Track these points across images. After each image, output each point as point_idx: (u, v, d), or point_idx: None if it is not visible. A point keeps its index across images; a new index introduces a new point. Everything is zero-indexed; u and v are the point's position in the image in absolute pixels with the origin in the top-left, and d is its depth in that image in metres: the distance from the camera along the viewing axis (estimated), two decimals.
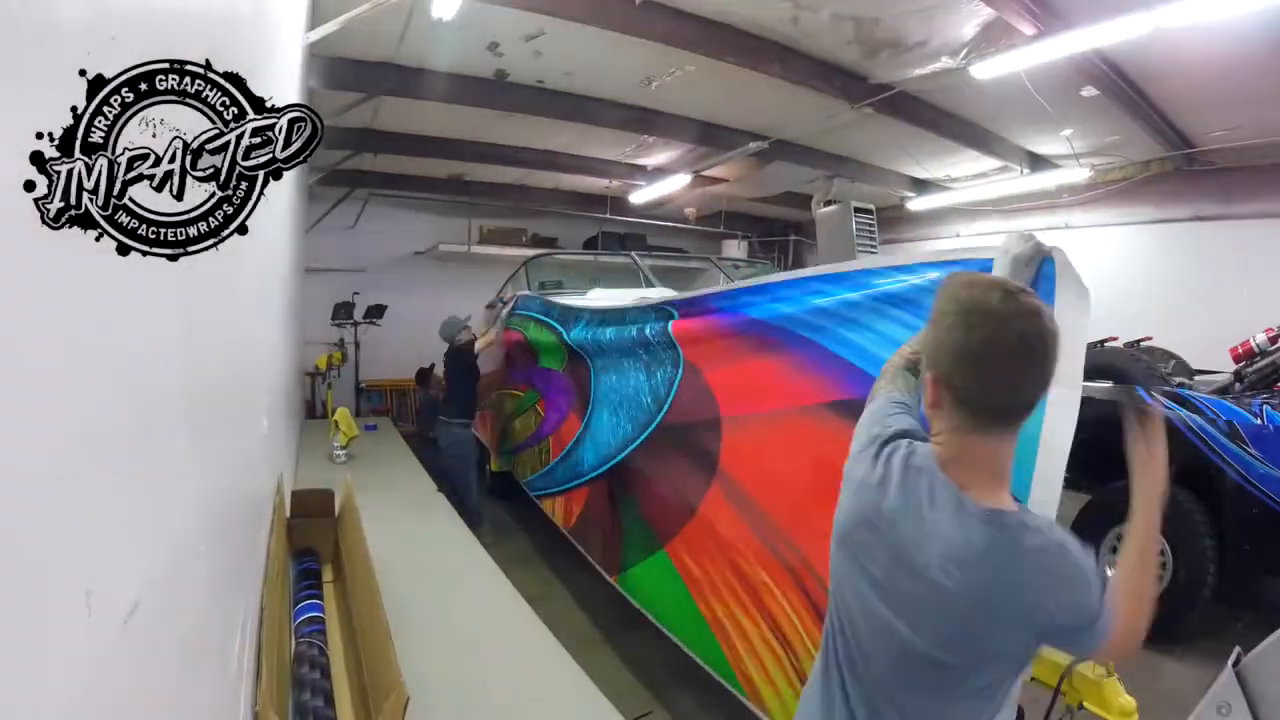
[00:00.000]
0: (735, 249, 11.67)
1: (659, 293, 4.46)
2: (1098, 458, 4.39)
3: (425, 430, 9.42)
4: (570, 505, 4.14)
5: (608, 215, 10.67)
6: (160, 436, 1.01)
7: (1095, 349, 6.14)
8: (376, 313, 9.30)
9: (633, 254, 5.71)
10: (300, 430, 6.25)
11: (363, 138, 7.21)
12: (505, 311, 5.81)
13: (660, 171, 8.76)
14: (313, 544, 3.09)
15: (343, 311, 9.07)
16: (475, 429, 5.77)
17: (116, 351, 0.83)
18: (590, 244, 11.01)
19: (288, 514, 3.11)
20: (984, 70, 4.85)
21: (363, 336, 9.45)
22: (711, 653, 2.66)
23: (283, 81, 2.89)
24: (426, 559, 3.39)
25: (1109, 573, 1.12)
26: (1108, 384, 4.47)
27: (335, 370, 8.25)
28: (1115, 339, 6.64)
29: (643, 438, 3.28)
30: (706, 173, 8.42)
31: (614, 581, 3.48)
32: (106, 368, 0.79)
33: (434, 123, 7.17)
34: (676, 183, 8.58)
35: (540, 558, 5.00)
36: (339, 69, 5.34)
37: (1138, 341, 6.30)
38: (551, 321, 4.67)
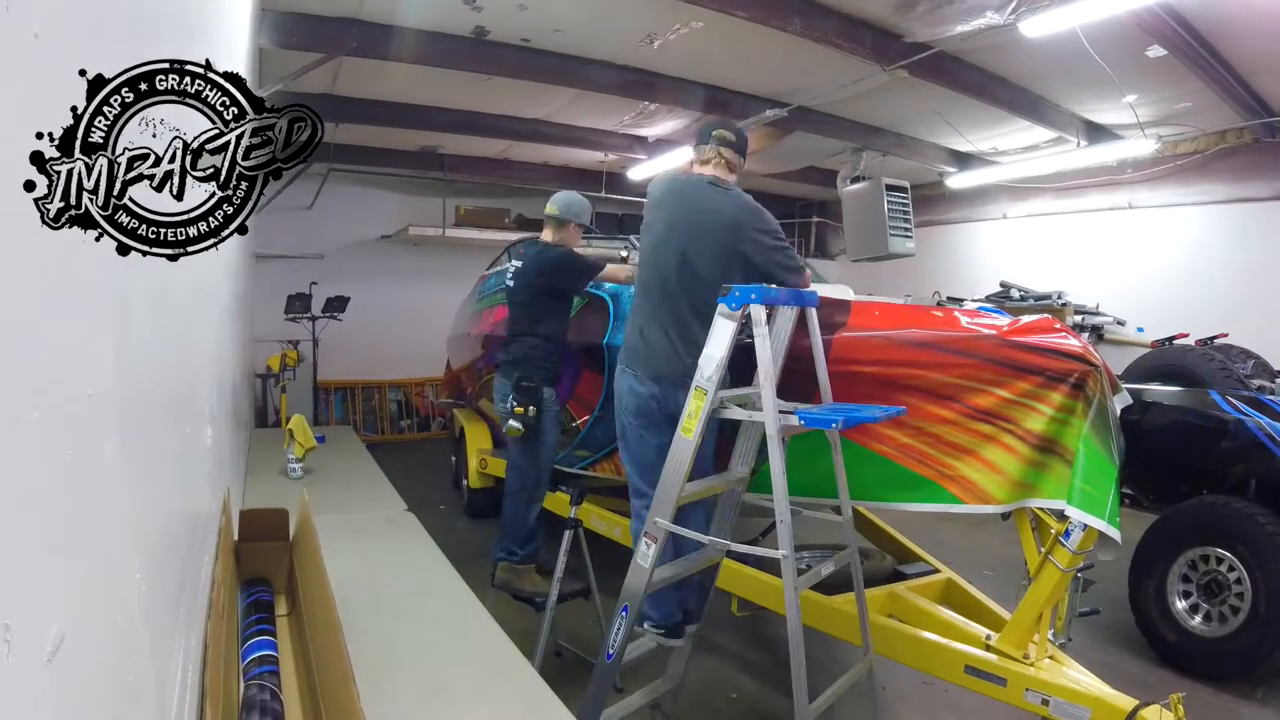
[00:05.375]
0: None
1: None
2: (1163, 474, 4.40)
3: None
4: None
5: (603, 194, 10.68)
6: (86, 445, 1.01)
7: (1163, 347, 6.13)
8: (337, 305, 9.30)
9: (631, 238, 5.69)
10: (249, 440, 6.25)
11: (321, 105, 7.21)
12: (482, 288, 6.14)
13: (663, 144, 8.78)
14: (264, 572, 3.10)
15: (298, 304, 9.06)
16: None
17: (31, 342, 0.83)
18: None
19: (235, 537, 3.11)
20: (1035, 27, 4.85)
21: (321, 333, 9.46)
22: (901, 488, 3.12)
23: (226, 39, 2.89)
24: (396, 589, 3.39)
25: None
26: (1176, 388, 4.47)
27: (290, 371, 8.24)
28: (1185, 335, 6.63)
29: None
30: None
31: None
32: (18, 361, 0.79)
33: (403, 88, 7.18)
34: (681, 156, 8.59)
35: None
36: (293, 25, 5.34)
37: (1211, 339, 6.31)
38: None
